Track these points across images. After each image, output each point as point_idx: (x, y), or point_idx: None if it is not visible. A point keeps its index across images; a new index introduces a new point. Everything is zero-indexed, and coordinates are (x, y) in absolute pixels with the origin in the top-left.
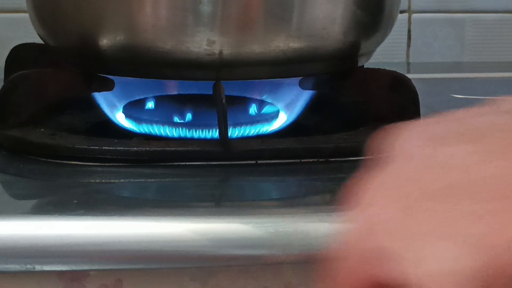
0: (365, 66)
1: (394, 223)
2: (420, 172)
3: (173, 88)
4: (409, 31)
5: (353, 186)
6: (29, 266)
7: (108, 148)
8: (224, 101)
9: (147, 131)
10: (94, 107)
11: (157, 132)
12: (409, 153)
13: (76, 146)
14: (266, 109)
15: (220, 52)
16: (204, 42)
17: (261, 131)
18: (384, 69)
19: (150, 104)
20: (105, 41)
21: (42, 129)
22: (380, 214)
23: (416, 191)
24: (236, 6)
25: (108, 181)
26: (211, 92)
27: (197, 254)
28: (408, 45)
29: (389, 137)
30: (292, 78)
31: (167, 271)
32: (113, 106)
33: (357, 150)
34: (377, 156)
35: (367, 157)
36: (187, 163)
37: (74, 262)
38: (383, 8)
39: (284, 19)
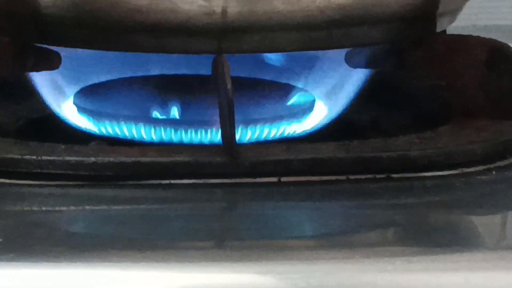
0: (448, 32)
1: None
2: None
3: (151, 66)
4: None
5: None
6: None
7: (50, 158)
8: (229, 87)
9: (111, 132)
10: (30, 94)
11: (127, 134)
12: None
13: (1, 156)
14: (295, 99)
15: (224, 10)
16: None
17: (286, 133)
18: (478, 36)
19: (116, 91)
20: None
21: None
22: None
23: None
24: None
25: (52, 208)
26: (209, 72)
27: None
28: None
29: None
30: (334, 51)
31: None
32: (59, 93)
33: (436, 161)
34: None
35: (454, 171)
36: (172, 181)
37: None
38: None
39: None
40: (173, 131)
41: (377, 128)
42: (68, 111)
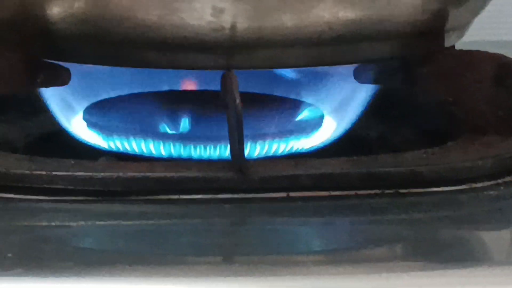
0: (456, 47)
1: None
2: None
3: (160, 81)
4: None
5: None
6: None
7: (60, 173)
8: (238, 102)
9: (120, 147)
10: (40, 110)
11: (136, 150)
12: None
13: (11, 171)
14: (304, 114)
15: (233, 27)
16: (207, 11)
17: (295, 148)
18: (486, 52)
19: (125, 107)
20: (56, 10)
21: None
22: None
23: None
24: None
25: (61, 223)
26: (218, 88)
27: None
28: None
29: None
30: (343, 67)
31: None
32: (69, 109)
33: (444, 177)
34: None
35: (463, 187)
36: (181, 196)
37: None
38: None
39: None
40: (182, 146)
41: (385, 143)
42: (78, 126)
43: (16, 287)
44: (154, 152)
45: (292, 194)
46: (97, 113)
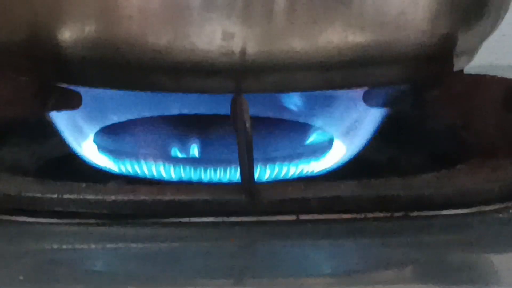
0: (465, 71)
1: None
2: None
3: (171, 105)
4: None
5: None
6: None
7: (71, 197)
8: (248, 125)
9: (131, 170)
10: (51, 134)
11: (147, 173)
12: None
13: (22, 194)
14: (313, 138)
15: (242, 51)
16: (217, 35)
17: (305, 172)
18: (495, 76)
19: (135, 130)
20: (67, 35)
21: None
22: None
23: None
24: None
25: (72, 246)
26: (228, 112)
27: None
28: None
29: None
30: (352, 90)
31: None
32: (79, 133)
33: (453, 200)
34: None
35: (472, 210)
36: (192, 219)
37: None
38: None
39: None
40: (192, 169)
41: (394, 166)
42: (88, 150)
43: None
44: (164, 175)
45: (301, 217)
46: (108, 136)
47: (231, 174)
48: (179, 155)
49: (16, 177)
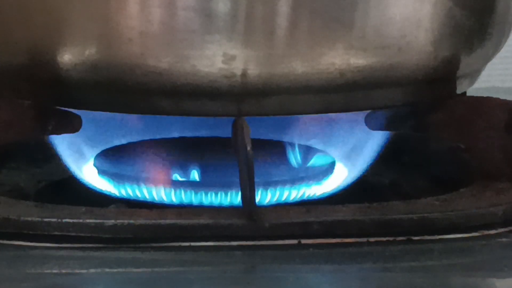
0: (468, 94)
1: None
2: None
3: (171, 128)
4: None
5: None
6: None
7: (71, 220)
8: (249, 148)
9: (131, 194)
10: (51, 157)
11: (147, 196)
12: None
13: (22, 218)
14: (315, 161)
15: (244, 73)
16: (219, 58)
17: (306, 195)
18: (498, 98)
19: (136, 154)
20: (67, 57)
21: None
22: None
23: None
24: (267, 3)
25: (71, 271)
26: (229, 134)
27: None
28: None
29: None
30: (354, 113)
31: None
32: (79, 156)
33: (456, 224)
34: None
35: (475, 234)
36: (192, 243)
37: None
38: (495, 4)
39: (341, 21)
40: (193, 193)
41: (397, 190)
42: (89, 173)
43: None
44: (165, 199)
45: (303, 241)
46: (108, 160)
47: (232, 197)
48: (180, 178)
49: (15, 201)
